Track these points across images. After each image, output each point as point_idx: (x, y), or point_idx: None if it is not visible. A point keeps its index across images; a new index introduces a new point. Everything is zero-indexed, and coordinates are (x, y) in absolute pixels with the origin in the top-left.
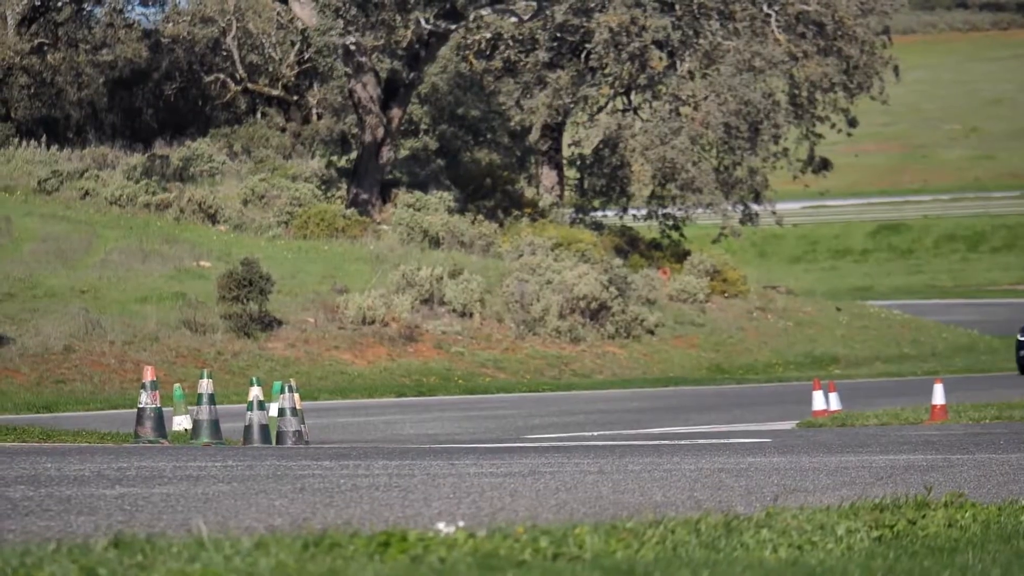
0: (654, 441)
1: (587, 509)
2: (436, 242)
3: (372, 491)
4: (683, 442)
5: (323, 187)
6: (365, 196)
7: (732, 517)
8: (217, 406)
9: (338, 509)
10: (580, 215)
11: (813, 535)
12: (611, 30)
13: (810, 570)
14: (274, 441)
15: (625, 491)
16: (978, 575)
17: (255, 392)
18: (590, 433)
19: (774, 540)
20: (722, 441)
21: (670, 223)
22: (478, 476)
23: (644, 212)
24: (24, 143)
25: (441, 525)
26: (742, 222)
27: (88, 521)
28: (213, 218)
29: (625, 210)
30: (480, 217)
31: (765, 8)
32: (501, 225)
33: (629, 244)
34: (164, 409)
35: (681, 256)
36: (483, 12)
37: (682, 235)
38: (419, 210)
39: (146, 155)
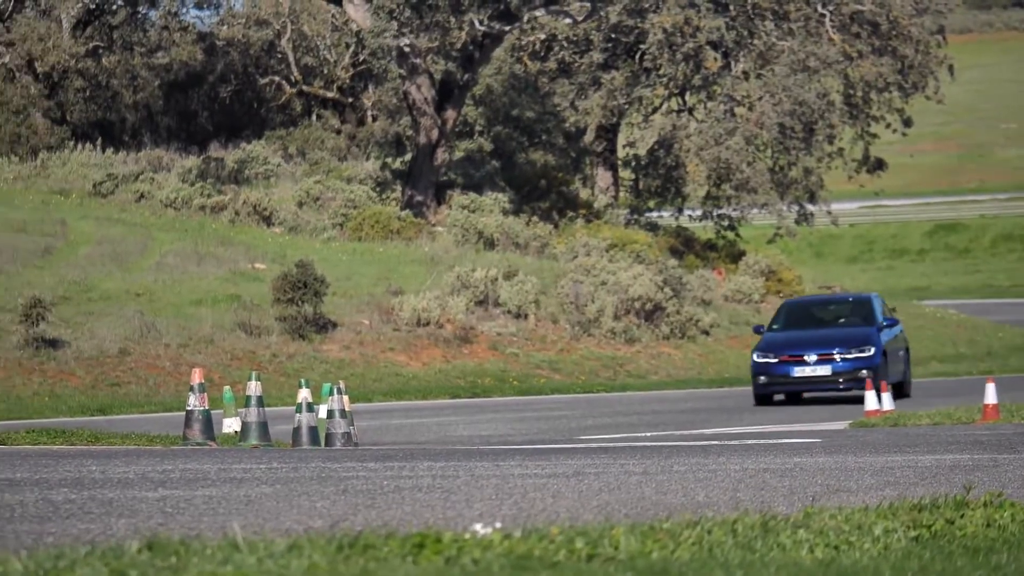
0: (704, 442)
1: (628, 510)
2: (491, 243)
3: (414, 492)
4: (732, 443)
5: (378, 189)
6: (420, 198)
7: (769, 517)
8: (270, 408)
9: (379, 511)
10: (635, 216)
11: (850, 535)
12: (665, 31)
13: (843, 570)
14: (323, 443)
15: (668, 492)
16: (1011, 575)
17: (303, 394)
18: (642, 434)
19: (811, 540)
20: (771, 441)
21: (725, 223)
22: (522, 477)
23: (699, 213)
24: (79, 146)
25: (478, 526)
26: (797, 222)
27: (128, 523)
28: (268, 220)
29: (680, 211)
30: (535, 218)
31: (819, 8)
32: (556, 226)
33: (684, 245)
34: (214, 412)
35: (736, 256)
36: (537, 13)
37: (737, 235)
38: (474, 212)
39: (201, 158)
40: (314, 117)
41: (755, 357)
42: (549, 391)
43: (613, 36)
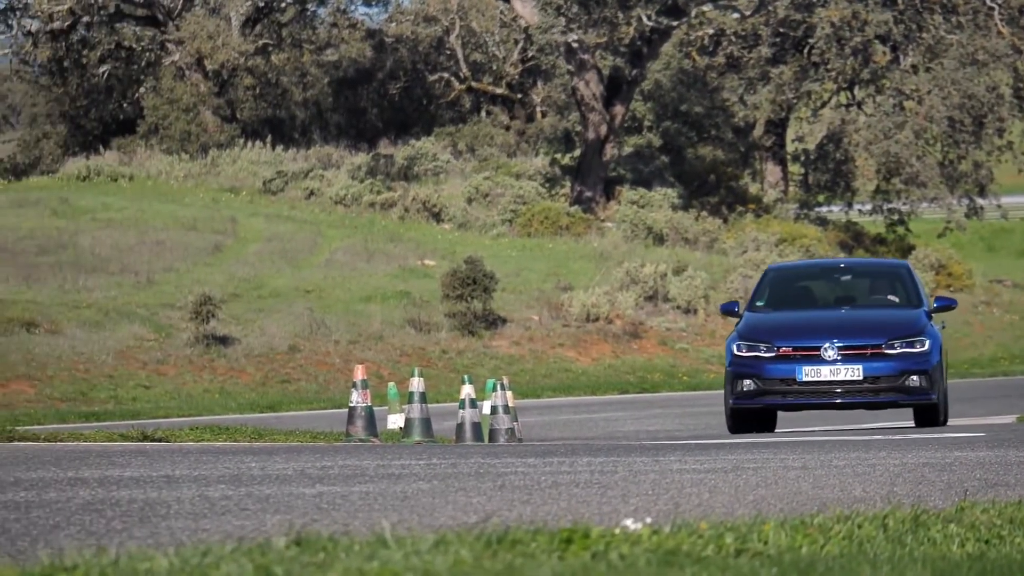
0: (867, 436)
1: (783, 505)
2: (660, 239)
3: (571, 488)
4: (895, 437)
5: (547, 185)
6: (589, 193)
7: (921, 512)
8: (439, 404)
9: (535, 506)
10: (804, 210)
11: (1002, 529)
12: (833, 25)
13: (991, 564)
14: (486, 439)
15: (825, 487)
16: None
17: (467, 390)
18: (807, 428)
19: (962, 535)
20: (934, 436)
21: (895, 217)
22: (680, 472)
23: (869, 207)
24: (249, 144)
25: (628, 521)
26: (967, 216)
27: (282, 520)
28: (437, 217)
29: (850, 205)
30: (704, 213)
31: (988, 1)
32: (725, 221)
33: (854, 239)
34: (377, 408)
35: (906, 250)
36: (705, 8)
37: (907, 229)
38: (643, 207)
39: (371, 154)
40: (483, 113)
41: (734, 348)
42: (719, 387)
43: (781, 30)
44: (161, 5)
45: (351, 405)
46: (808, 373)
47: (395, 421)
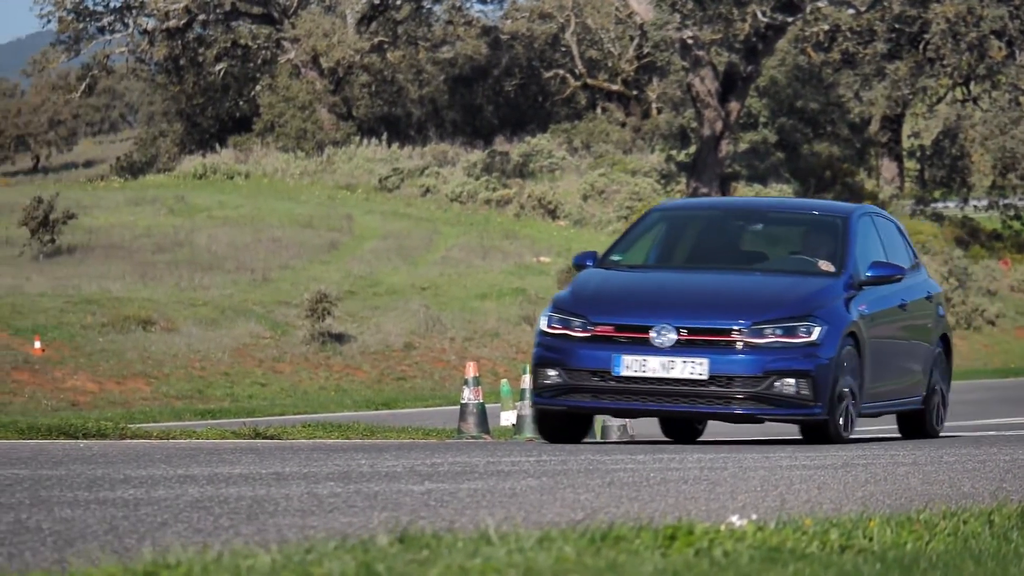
0: (978, 432)
1: (891, 501)
2: None
3: (680, 484)
4: (1007, 433)
5: (662, 181)
6: (704, 190)
7: None
8: None
9: (643, 503)
10: (920, 206)
11: None
12: (948, 20)
13: None
14: (598, 436)
15: (934, 483)
16: None
17: None
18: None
19: None
20: None
21: (1011, 213)
22: (790, 468)
23: (985, 202)
24: (365, 141)
25: (734, 518)
26: None
27: (389, 517)
28: (553, 213)
29: (966, 201)
30: None
31: None
32: None
33: (970, 235)
34: (490, 405)
35: (1022, 246)
36: (820, 4)
37: (1023, 225)
38: None
39: (486, 151)
40: (598, 110)
41: (543, 322)
42: None
43: (896, 26)
44: (277, 3)
45: (463, 402)
46: (629, 365)
47: (507, 418)
